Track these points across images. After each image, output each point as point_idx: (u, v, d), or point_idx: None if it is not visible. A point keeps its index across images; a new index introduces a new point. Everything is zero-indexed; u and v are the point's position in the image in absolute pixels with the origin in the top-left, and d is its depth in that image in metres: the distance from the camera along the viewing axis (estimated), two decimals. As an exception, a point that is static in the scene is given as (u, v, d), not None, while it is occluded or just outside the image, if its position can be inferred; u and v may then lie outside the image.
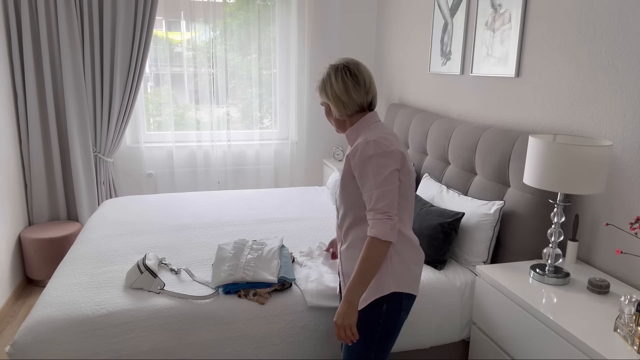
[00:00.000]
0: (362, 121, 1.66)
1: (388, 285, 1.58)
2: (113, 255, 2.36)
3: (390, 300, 1.59)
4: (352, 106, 1.64)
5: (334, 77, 1.63)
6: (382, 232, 1.49)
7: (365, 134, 1.61)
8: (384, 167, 1.52)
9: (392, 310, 1.61)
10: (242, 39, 4.05)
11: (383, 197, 1.51)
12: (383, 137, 1.56)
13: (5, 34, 3.24)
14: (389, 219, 1.50)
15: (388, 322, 1.61)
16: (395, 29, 3.95)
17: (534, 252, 2.17)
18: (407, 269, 1.62)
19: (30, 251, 3.23)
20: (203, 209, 3.13)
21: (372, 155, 1.53)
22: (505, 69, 2.57)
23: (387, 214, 1.51)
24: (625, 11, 1.88)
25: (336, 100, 1.63)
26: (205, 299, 1.96)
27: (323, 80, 1.66)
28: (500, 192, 2.37)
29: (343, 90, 1.62)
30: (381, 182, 1.52)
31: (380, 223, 1.50)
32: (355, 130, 1.66)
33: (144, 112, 3.99)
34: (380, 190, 1.52)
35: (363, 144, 1.55)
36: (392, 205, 1.52)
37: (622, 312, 1.53)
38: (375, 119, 1.67)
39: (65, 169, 3.68)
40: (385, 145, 1.54)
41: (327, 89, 1.64)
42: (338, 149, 4.27)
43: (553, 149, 1.76)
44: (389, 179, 1.52)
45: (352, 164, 1.58)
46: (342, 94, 1.62)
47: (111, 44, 3.52)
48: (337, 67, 1.64)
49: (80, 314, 1.84)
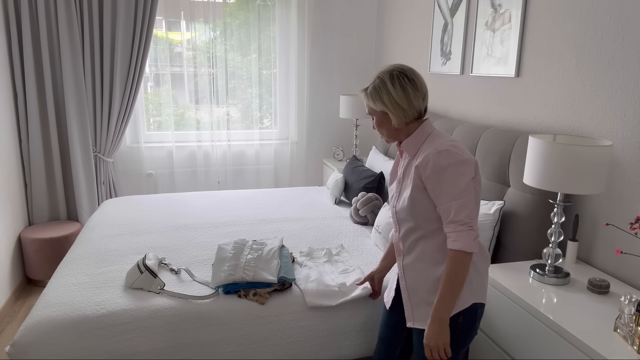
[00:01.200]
0: (422, 129, 1.59)
1: (467, 297, 1.54)
2: (113, 255, 2.36)
3: (466, 312, 1.54)
4: (412, 113, 1.57)
5: (391, 83, 1.55)
6: (466, 244, 1.46)
7: (432, 143, 1.54)
8: (460, 177, 1.47)
9: (468, 322, 1.56)
10: (242, 39, 4.06)
11: (463, 207, 1.46)
12: (454, 146, 1.50)
13: (5, 34, 3.24)
14: (471, 230, 1.47)
15: (464, 333, 1.57)
16: (395, 29, 3.95)
17: (534, 252, 2.17)
18: (481, 278, 1.58)
19: (30, 251, 3.23)
20: (203, 209, 3.13)
21: (447, 165, 1.47)
22: (505, 69, 2.57)
23: (468, 224, 1.47)
24: (625, 11, 1.88)
25: (396, 108, 1.55)
26: (205, 299, 1.96)
27: (376, 87, 1.57)
28: (500, 192, 2.37)
29: (403, 96, 1.54)
30: (460, 193, 1.47)
31: (463, 235, 1.46)
32: (416, 139, 1.59)
33: (144, 112, 3.99)
34: (461, 201, 1.47)
35: (435, 154, 1.48)
36: (473, 215, 1.48)
37: (622, 312, 1.53)
38: (432, 126, 1.61)
39: (65, 169, 3.68)
40: (459, 154, 1.48)
41: (384, 96, 1.55)
42: (338, 149, 4.27)
43: (553, 149, 1.76)
44: (466, 189, 1.47)
45: (424, 176, 1.51)
46: (402, 101, 1.54)
47: (111, 44, 3.52)
48: (392, 73, 1.56)
49: (80, 314, 1.84)
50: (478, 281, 1.58)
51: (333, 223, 2.93)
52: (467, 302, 1.54)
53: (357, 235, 2.74)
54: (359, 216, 2.91)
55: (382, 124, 1.62)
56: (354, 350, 2.07)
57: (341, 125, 4.45)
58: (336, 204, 3.34)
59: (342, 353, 2.06)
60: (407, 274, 1.64)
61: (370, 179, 3.10)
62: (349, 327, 2.05)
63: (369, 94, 1.59)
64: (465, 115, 3.00)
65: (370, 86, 1.60)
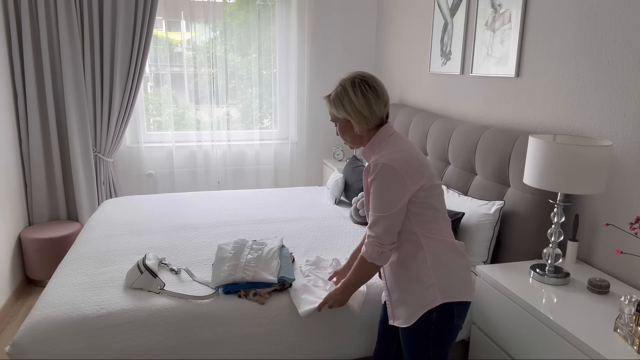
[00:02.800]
0: (377, 137, 1.63)
1: (435, 297, 1.57)
2: (113, 255, 2.36)
3: (439, 310, 1.58)
4: (374, 120, 1.61)
5: (352, 91, 1.57)
6: (369, 255, 1.60)
7: (381, 152, 1.58)
8: (386, 193, 1.53)
9: (443, 318, 1.59)
10: (242, 39, 4.05)
11: (378, 223, 1.56)
12: (394, 159, 1.53)
13: (5, 34, 3.24)
14: (378, 246, 1.56)
15: (440, 329, 1.60)
16: (395, 29, 3.95)
17: (534, 252, 2.17)
18: (453, 276, 1.60)
19: (30, 251, 3.23)
20: (203, 209, 3.13)
21: (379, 178, 1.53)
22: (505, 69, 2.57)
23: (378, 239, 1.56)
24: (625, 11, 1.88)
25: (358, 116, 1.59)
26: (205, 299, 1.96)
27: (338, 95, 1.60)
28: (500, 192, 2.37)
29: (364, 104, 1.57)
30: (380, 207, 1.54)
31: (369, 246, 1.59)
32: (371, 147, 1.64)
33: (144, 112, 3.99)
34: (379, 216, 1.55)
35: (373, 165, 1.55)
36: (388, 232, 1.55)
37: (622, 312, 1.53)
38: (390, 132, 1.64)
39: (65, 169, 3.68)
40: (393, 170, 1.51)
41: (346, 104, 1.58)
42: (338, 149, 4.27)
43: (553, 149, 1.76)
44: (388, 205, 1.53)
45: (368, 181, 1.59)
46: (363, 109, 1.58)
47: (111, 44, 3.52)
48: (353, 80, 1.59)
49: (80, 314, 1.84)
50: (448, 280, 1.58)
51: (333, 223, 2.93)
52: (435, 302, 1.56)
53: (357, 235, 2.74)
54: (359, 216, 2.91)
55: (345, 131, 1.66)
56: (354, 350, 2.07)
57: (341, 125, 4.44)
58: (336, 204, 3.35)
59: (342, 353, 2.06)
60: (387, 276, 1.73)
61: (370, 179, 3.10)
62: (349, 327, 2.05)
63: (332, 101, 1.62)
64: (465, 115, 3.00)
65: (332, 93, 1.63)
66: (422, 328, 1.60)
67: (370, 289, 2.10)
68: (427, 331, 1.60)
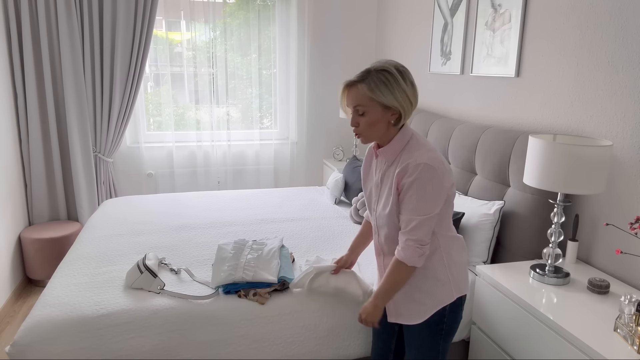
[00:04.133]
0: (402, 135, 1.54)
1: (450, 293, 1.60)
2: (113, 255, 2.36)
3: (451, 304, 1.61)
4: (410, 113, 1.53)
5: (402, 79, 1.46)
6: (409, 259, 1.50)
7: (412, 152, 1.50)
8: (430, 195, 1.47)
9: (454, 312, 1.63)
10: (242, 39, 4.05)
11: (422, 226, 1.48)
12: (433, 158, 1.47)
13: (5, 34, 3.24)
14: (419, 248, 1.50)
15: (450, 322, 1.64)
16: (395, 29, 3.95)
17: (534, 252, 2.17)
18: (463, 270, 1.64)
19: (30, 251, 3.23)
20: (203, 209, 3.13)
21: (422, 179, 1.45)
22: (505, 69, 2.57)
23: (419, 242, 1.49)
24: (625, 11, 1.88)
25: (408, 105, 1.49)
26: (205, 299, 1.96)
27: (384, 82, 1.45)
28: (500, 192, 2.37)
29: (413, 94, 1.49)
30: (424, 209, 1.47)
31: (410, 250, 1.49)
32: (395, 146, 1.54)
33: (144, 112, 3.99)
34: (421, 219, 1.48)
35: (414, 165, 1.45)
36: (428, 234, 1.50)
37: (622, 312, 1.53)
38: (411, 131, 1.57)
39: (65, 169, 3.68)
40: (435, 170, 1.45)
41: (396, 91, 1.45)
42: (338, 149, 4.27)
43: (553, 149, 1.76)
44: (432, 206, 1.48)
45: (401, 182, 1.49)
46: (413, 98, 1.49)
47: (111, 44, 3.52)
48: (398, 68, 1.47)
49: (80, 314, 1.84)
50: (460, 275, 1.63)
51: (333, 223, 2.93)
52: (452, 298, 1.60)
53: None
54: (359, 216, 2.91)
55: (377, 122, 1.50)
56: (353, 350, 2.07)
57: (341, 125, 4.45)
58: (336, 204, 3.34)
59: (342, 353, 2.06)
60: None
61: (370, 179, 3.10)
62: (349, 327, 2.05)
63: (374, 85, 1.45)
64: (465, 115, 3.00)
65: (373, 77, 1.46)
66: (435, 323, 1.62)
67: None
68: (439, 326, 1.62)
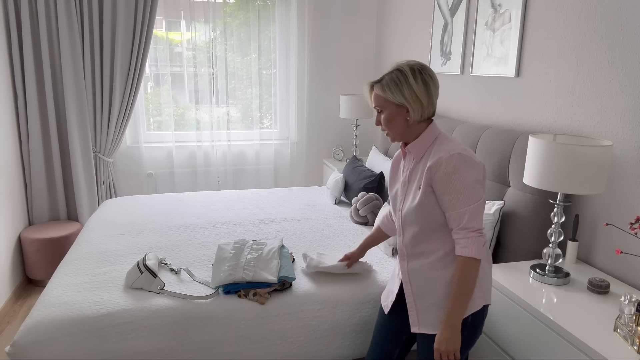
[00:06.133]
0: (429, 131, 1.56)
1: (478, 300, 1.56)
2: (113, 255, 2.36)
3: (475, 314, 1.57)
4: (429, 111, 1.54)
5: (413, 77, 1.50)
6: (476, 251, 1.46)
7: (442, 146, 1.52)
8: (473, 182, 1.46)
9: (476, 323, 1.59)
10: (242, 39, 4.06)
11: (475, 214, 1.47)
12: (465, 149, 1.49)
13: (5, 34, 3.24)
14: (481, 237, 1.47)
15: (471, 333, 1.59)
16: (395, 29, 3.95)
17: (534, 252, 2.17)
18: (489, 279, 1.61)
19: (30, 251, 3.23)
20: (203, 209, 3.13)
21: (460, 169, 1.46)
22: (505, 69, 2.57)
23: (479, 231, 1.47)
24: (625, 11, 1.88)
25: (416, 103, 1.51)
26: (205, 299, 1.96)
27: (395, 80, 1.51)
28: (500, 192, 2.37)
29: (424, 92, 1.51)
30: (472, 198, 1.46)
31: (474, 242, 1.46)
32: (423, 142, 1.56)
33: (144, 112, 3.99)
34: (473, 207, 1.46)
35: (448, 157, 1.47)
36: (482, 221, 1.49)
37: (622, 312, 1.53)
38: (439, 129, 1.59)
39: (65, 169, 3.68)
40: (470, 159, 1.47)
41: (405, 89, 1.50)
42: (338, 149, 4.27)
43: (553, 149, 1.76)
44: (478, 194, 1.47)
45: (435, 179, 1.49)
46: (423, 96, 1.51)
47: (111, 44, 3.52)
48: (413, 67, 1.51)
49: (80, 314, 1.84)
50: (486, 283, 1.60)
51: (333, 223, 2.93)
52: (479, 304, 1.56)
53: (357, 235, 2.74)
54: (359, 216, 2.91)
55: (393, 120, 1.55)
56: (353, 351, 2.07)
57: (341, 125, 4.45)
58: (336, 204, 3.34)
59: (342, 353, 2.06)
60: (412, 279, 1.62)
61: (370, 179, 3.10)
62: (348, 327, 2.05)
63: (386, 85, 1.52)
64: (465, 115, 3.00)
65: (386, 77, 1.53)
66: None
67: (372, 289, 2.10)
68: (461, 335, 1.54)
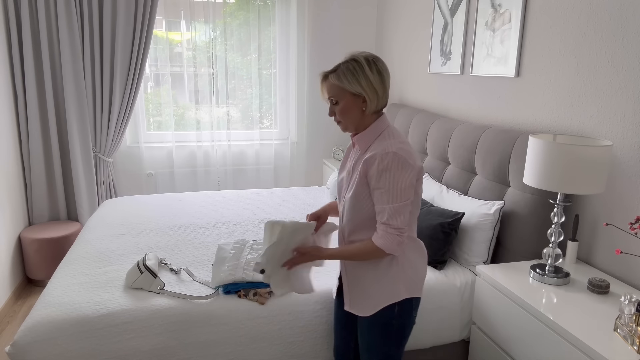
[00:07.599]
0: (377, 125, 1.59)
1: (401, 292, 1.60)
2: (113, 255, 2.36)
3: (401, 304, 1.61)
4: (383, 102, 1.58)
5: (368, 67, 1.52)
6: (387, 246, 1.52)
7: (383, 141, 1.55)
8: (401, 182, 1.49)
9: (404, 312, 1.63)
10: (242, 39, 4.05)
11: (398, 213, 1.50)
12: (402, 149, 1.51)
13: (5, 34, 3.24)
14: (399, 236, 1.51)
15: (400, 321, 1.64)
16: (395, 29, 3.95)
17: (534, 252, 2.17)
18: (417, 273, 1.64)
19: (30, 251, 3.23)
20: (203, 209, 3.13)
21: (391, 167, 1.49)
22: (505, 69, 2.57)
23: (399, 230, 1.51)
24: (625, 11, 1.88)
25: (372, 93, 1.54)
26: (205, 299, 1.96)
27: (351, 69, 1.52)
28: (500, 192, 2.37)
29: (379, 82, 1.54)
30: (397, 197, 1.50)
31: (390, 238, 1.51)
32: (369, 135, 1.59)
33: (144, 112, 3.99)
34: (396, 206, 1.50)
35: (382, 154, 1.50)
36: (405, 221, 1.52)
37: (622, 312, 1.53)
38: (388, 122, 1.62)
39: (65, 169, 3.68)
40: (404, 159, 1.49)
41: (362, 79, 1.52)
42: (338, 149, 4.27)
43: (553, 149, 1.76)
44: (404, 194, 1.50)
45: (369, 172, 1.53)
46: (379, 86, 1.54)
47: (111, 44, 3.52)
48: (367, 57, 1.54)
49: (80, 314, 1.84)
50: (414, 277, 1.63)
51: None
52: (400, 296, 1.60)
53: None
54: (359, 216, 2.91)
55: (349, 110, 1.57)
56: (354, 350, 2.07)
57: (341, 125, 4.44)
58: (336, 204, 3.34)
59: (342, 353, 2.06)
60: (347, 265, 1.69)
61: (370, 179, 3.10)
62: (349, 327, 2.05)
63: (342, 74, 1.53)
64: (465, 115, 3.00)
65: (342, 66, 1.54)
66: (384, 322, 1.62)
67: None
68: (388, 327, 1.62)
